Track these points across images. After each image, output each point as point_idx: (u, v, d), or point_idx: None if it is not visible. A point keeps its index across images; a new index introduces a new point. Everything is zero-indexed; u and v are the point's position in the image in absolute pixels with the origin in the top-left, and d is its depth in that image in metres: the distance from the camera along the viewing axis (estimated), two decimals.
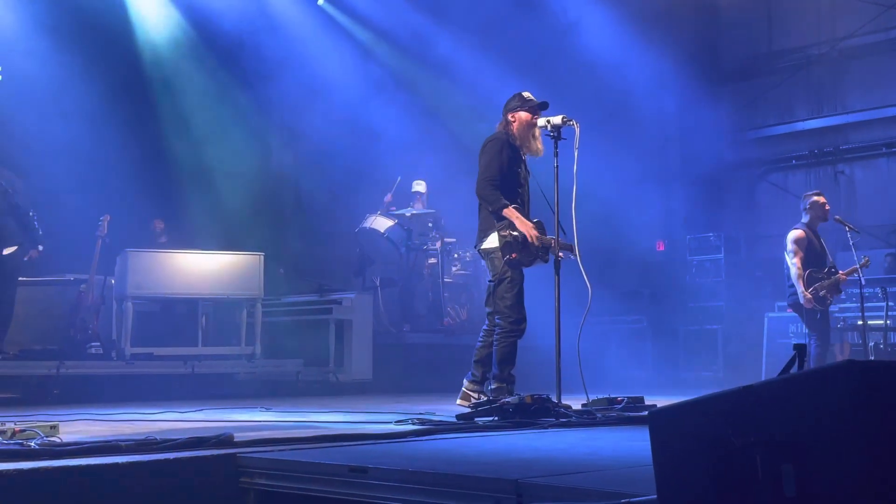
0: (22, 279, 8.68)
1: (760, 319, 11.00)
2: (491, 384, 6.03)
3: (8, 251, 8.30)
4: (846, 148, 13.81)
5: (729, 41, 14.92)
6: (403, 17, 12.53)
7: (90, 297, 9.07)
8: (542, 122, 6.08)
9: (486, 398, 5.80)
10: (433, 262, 10.98)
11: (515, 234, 5.94)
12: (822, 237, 8.41)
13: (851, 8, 13.32)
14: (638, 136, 13.73)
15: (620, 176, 12.46)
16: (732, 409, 2.04)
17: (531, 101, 6.19)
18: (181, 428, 4.79)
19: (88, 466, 3.31)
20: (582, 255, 5.91)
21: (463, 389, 6.15)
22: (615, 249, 12.40)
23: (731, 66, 14.82)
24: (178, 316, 9.72)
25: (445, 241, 10.95)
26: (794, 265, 8.12)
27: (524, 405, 5.09)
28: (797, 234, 8.21)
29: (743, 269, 12.90)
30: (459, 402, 6.07)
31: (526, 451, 3.83)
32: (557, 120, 5.98)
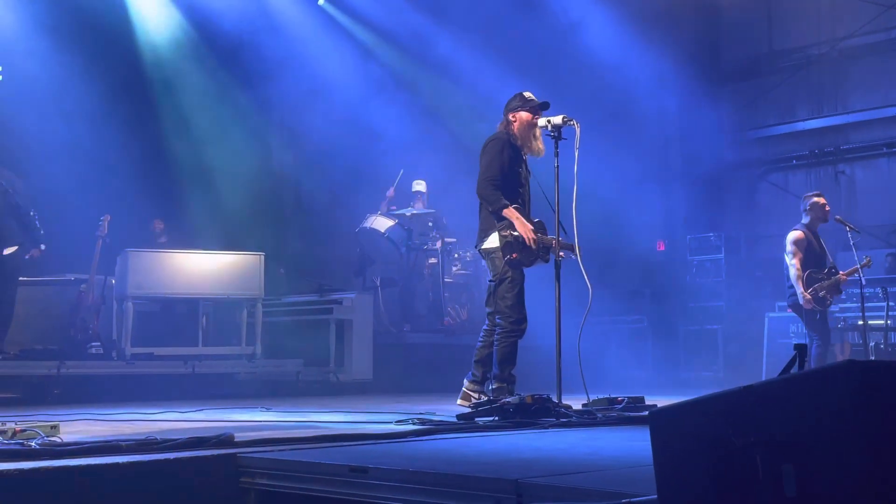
0: (22, 279, 8.68)
1: (761, 319, 10.99)
2: (491, 384, 6.03)
3: (8, 251, 8.31)
4: (847, 148, 13.81)
5: (729, 41, 14.92)
6: (404, 17, 12.52)
7: (90, 296, 9.08)
8: (542, 121, 6.07)
9: (486, 398, 5.80)
10: (433, 261, 10.97)
11: (516, 234, 5.94)
12: (822, 238, 8.40)
13: (852, 8, 13.31)
14: (638, 136, 13.73)
15: (621, 176, 12.46)
16: (733, 409, 2.04)
17: (532, 101, 6.18)
18: (181, 428, 4.80)
19: (89, 466, 3.31)
20: (582, 254, 5.91)
21: (463, 389, 6.15)
22: (615, 249, 12.39)
23: (731, 66, 14.82)
24: (178, 316, 9.72)
25: (446, 240, 10.95)
26: (793, 266, 8.12)
27: (525, 405, 5.09)
28: (796, 235, 8.21)
29: (743, 269, 12.90)
30: (460, 402, 6.07)
31: (526, 451, 3.83)
32: (558, 120, 5.98)
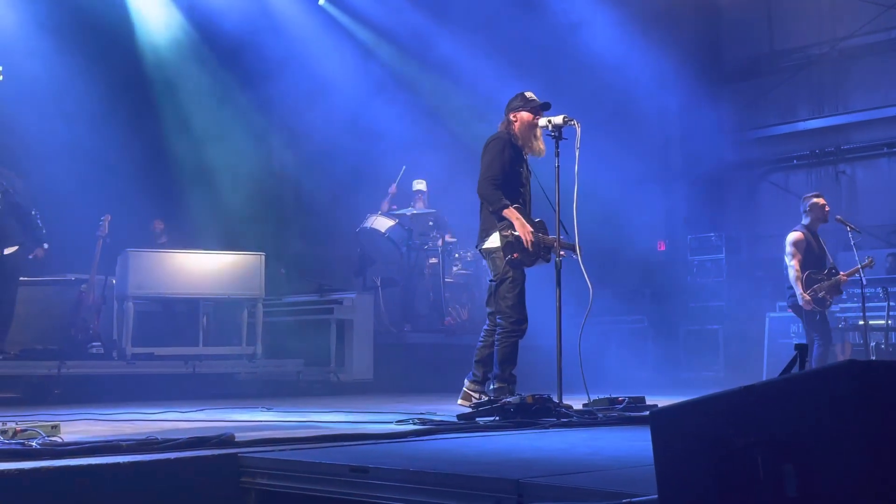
0: (23, 279, 8.68)
1: (761, 319, 11.00)
2: (492, 384, 6.02)
3: (9, 251, 8.31)
4: (847, 148, 13.81)
5: (730, 41, 14.92)
6: (404, 16, 12.53)
7: (91, 296, 9.08)
8: (543, 121, 6.07)
9: (487, 398, 5.79)
10: (434, 261, 10.97)
11: (517, 233, 5.94)
12: (822, 238, 8.40)
13: (852, 8, 13.32)
14: (639, 135, 13.73)
15: (621, 176, 12.46)
16: (734, 409, 2.04)
17: (534, 101, 6.18)
18: (182, 428, 4.79)
19: (89, 466, 3.31)
20: (583, 254, 5.91)
21: (464, 389, 6.15)
22: (616, 249, 12.39)
23: (732, 66, 14.82)
24: (179, 316, 9.72)
25: (446, 240, 10.95)
26: (792, 267, 8.12)
27: (525, 405, 5.09)
28: (796, 236, 8.21)
29: (744, 269, 12.90)
30: (460, 401, 6.07)
31: (527, 450, 3.83)
32: (559, 120, 5.97)
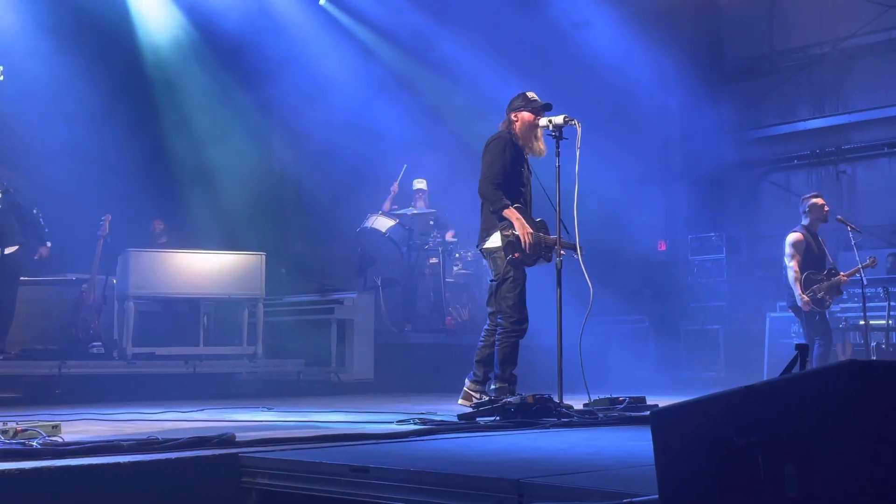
0: (23, 279, 8.68)
1: (762, 319, 10.99)
2: (493, 384, 6.03)
3: (9, 251, 8.31)
4: (848, 148, 13.79)
5: (731, 41, 14.91)
6: (405, 16, 12.52)
7: (92, 296, 9.08)
8: (543, 121, 6.07)
9: (487, 398, 5.79)
10: (434, 261, 10.97)
11: (518, 233, 5.93)
12: (823, 238, 8.39)
13: (853, 8, 13.31)
14: (639, 135, 13.72)
15: (622, 176, 12.46)
16: (734, 409, 2.04)
17: (535, 101, 6.18)
18: (183, 428, 4.79)
19: (90, 466, 3.31)
20: (584, 254, 5.91)
21: (465, 389, 6.15)
22: (617, 249, 12.39)
23: (732, 65, 14.81)
24: (179, 316, 9.72)
25: (447, 240, 10.95)
26: (790, 268, 8.11)
27: (526, 405, 5.09)
28: (795, 237, 8.20)
29: (744, 268, 12.89)
30: (461, 401, 6.07)
31: (527, 450, 3.83)
32: (559, 119, 5.97)
